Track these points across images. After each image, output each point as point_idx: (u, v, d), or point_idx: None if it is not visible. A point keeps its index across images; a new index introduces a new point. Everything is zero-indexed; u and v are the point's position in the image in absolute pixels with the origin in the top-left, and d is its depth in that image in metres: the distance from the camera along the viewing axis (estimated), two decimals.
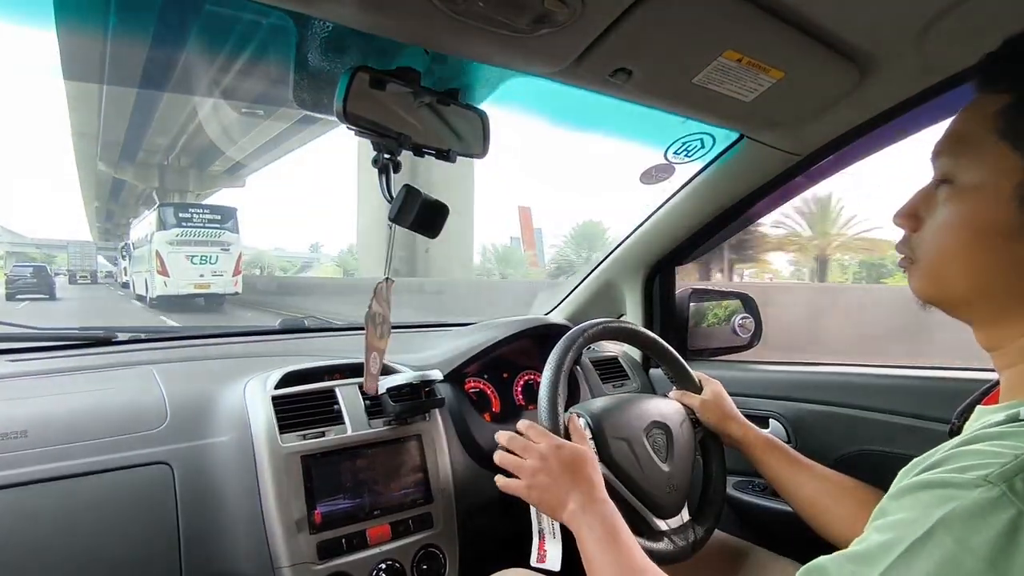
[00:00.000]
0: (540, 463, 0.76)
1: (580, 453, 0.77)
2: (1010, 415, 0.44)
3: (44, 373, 0.99)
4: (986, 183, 0.49)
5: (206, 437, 0.92)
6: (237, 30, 0.93)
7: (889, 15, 0.72)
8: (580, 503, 0.72)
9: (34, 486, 0.78)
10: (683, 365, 1.01)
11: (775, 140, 1.06)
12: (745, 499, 1.21)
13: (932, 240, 0.53)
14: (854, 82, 0.85)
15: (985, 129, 0.49)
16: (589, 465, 0.76)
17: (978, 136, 0.50)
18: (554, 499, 0.74)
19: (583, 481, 0.74)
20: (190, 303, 15.24)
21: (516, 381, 1.30)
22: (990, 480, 0.38)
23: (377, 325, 0.92)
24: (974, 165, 0.50)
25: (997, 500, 0.37)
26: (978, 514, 0.37)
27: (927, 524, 0.38)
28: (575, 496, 0.72)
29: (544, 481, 0.75)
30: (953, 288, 0.53)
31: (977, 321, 0.53)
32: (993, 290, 0.50)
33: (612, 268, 1.49)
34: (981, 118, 0.50)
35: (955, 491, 0.39)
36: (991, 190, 0.48)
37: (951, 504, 0.38)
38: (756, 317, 1.49)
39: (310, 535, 0.88)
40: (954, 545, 0.37)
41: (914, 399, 1.02)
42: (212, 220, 15.99)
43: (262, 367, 1.05)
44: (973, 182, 0.50)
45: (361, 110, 0.72)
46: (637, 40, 0.71)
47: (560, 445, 0.77)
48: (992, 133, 0.48)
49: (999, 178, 0.48)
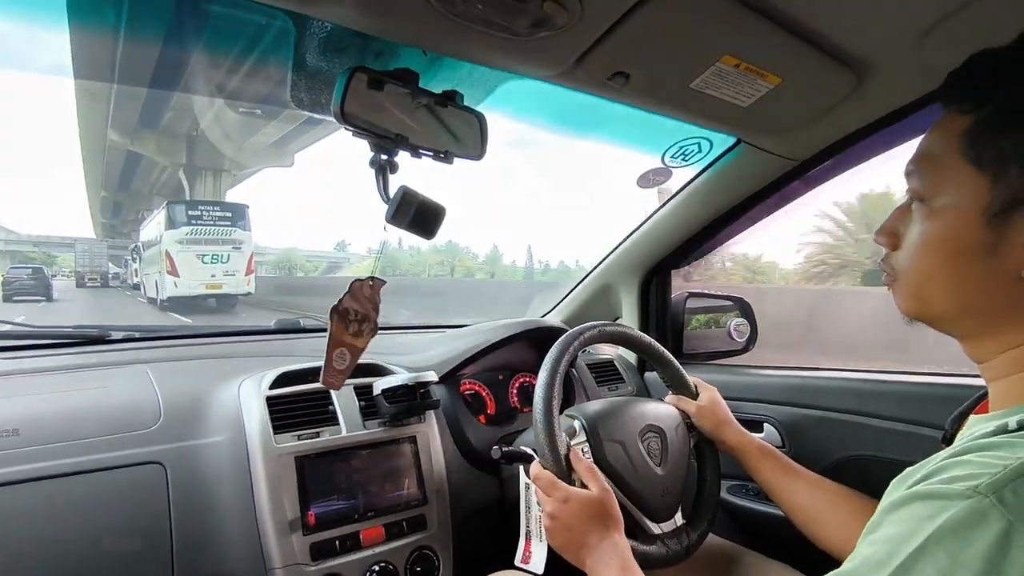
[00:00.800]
0: (553, 520, 0.77)
1: (587, 501, 0.77)
2: (999, 426, 0.44)
3: (37, 371, 0.98)
4: (954, 204, 0.49)
5: (200, 437, 0.91)
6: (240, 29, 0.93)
7: (886, 22, 0.72)
8: (597, 548, 0.73)
9: (26, 485, 0.77)
10: (680, 370, 1.02)
11: (772, 145, 1.06)
12: (739, 503, 1.21)
13: (909, 259, 0.54)
14: (851, 88, 0.85)
15: (951, 149, 0.49)
16: (602, 509, 0.77)
17: (944, 156, 0.50)
18: (572, 551, 0.76)
19: (599, 529, 0.75)
20: (201, 304, 14.90)
21: (511, 383, 1.30)
22: (980, 491, 0.38)
23: (351, 322, 0.92)
24: (942, 186, 0.50)
25: (987, 511, 0.37)
26: (968, 526, 0.37)
27: (920, 538, 0.38)
28: (592, 543, 0.74)
29: (560, 533, 0.77)
30: (935, 305, 0.53)
31: (963, 336, 0.54)
32: (974, 306, 0.50)
33: (609, 271, 1.50)
34: (947, 138, 0.50)
35: (945, 503, 0.39)
36: (960, 211, 0.49)
37: (942, 516, 0.38)
38: (751, 321, 1.49)
39: (303, 536, 0.88)
40: (946, 559, 0.37)
41: (908, 405, 1.02)
42: (223, 218, 15.51)
43: (257, 367, 1.05)
44: (943, 203, 0.50)
45: (359, 110, 0.72)
46: (635, 44, 0.72)
47: (567, 498, 0.77)
48: (957, 154, 0.49)
49: (966, 200, 0.48)
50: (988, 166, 0.47)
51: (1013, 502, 0.37)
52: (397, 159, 0.78)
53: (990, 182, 0.47)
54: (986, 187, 0.47)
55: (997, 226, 0.46)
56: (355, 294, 0.90)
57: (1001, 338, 0.50)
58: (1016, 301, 0.48)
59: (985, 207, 0.47)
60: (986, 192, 0.47)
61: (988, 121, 0.48)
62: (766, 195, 1.20)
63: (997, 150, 0.47)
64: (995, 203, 0.46)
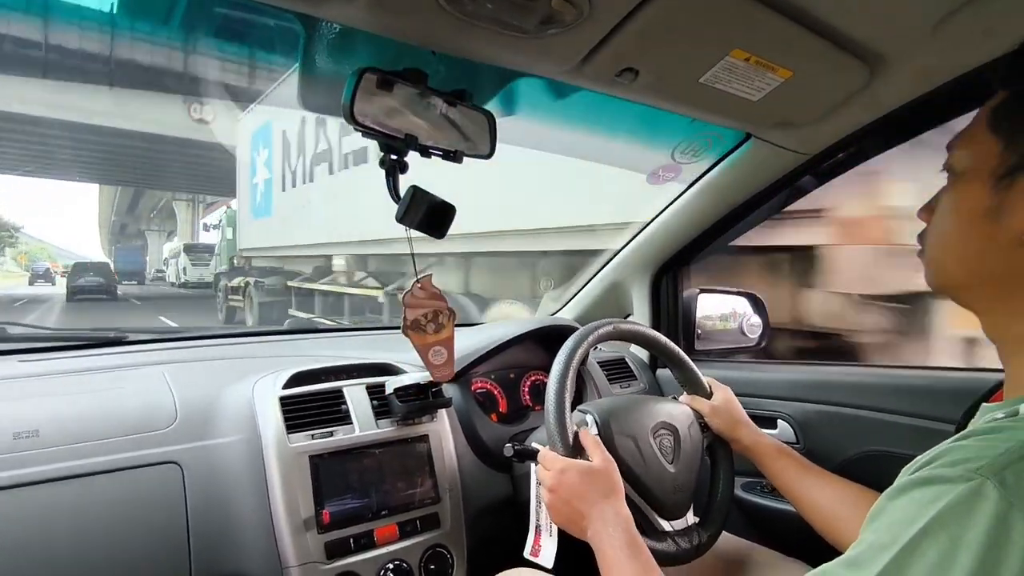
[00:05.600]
0: (551, 493, 0.77)
1: (586, 470, 0.77)
2: (1010, 411, 0.44)
3: (55, 373, 1.00)
4: (971, 169, 0.51)
5: (215, 437, 0.92)
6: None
7: (900, 13, 0.71)
8: (599, 519, 0.73)
9: (45, 485, 0.78)
10: (694, 369, 1.01)
11: (783, 139, 1.05)
12: (753, 500, 1.20)
13: (933, 228, 0.56)
14: (864, 81, 0.84)
15: (980, 121, 0.52)
16: (600, 478, 0.76)
17: (974, 128, 0.52)
18: (573, 523, 0.75)
19: (597, 499, 0.74)
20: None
21: (523, 381, 1.30)
22: (980, 473, 0.38)
23: (426, 324, 0.93)
24: (965, 154, 0.52)
25: (987, 493, 0.37)
26: (969, 508, 0.37)
27: (922, 522, 0.39)
28: (593, 514, 0.73)
29: (559, 508, 0.77)
30: (949, 273, 0.55)
31: (979, 308, 0.54)
32: (986, 273, 0.51)
33: (619, 268, 1.49)
34: (982, 112, 0.52)
35: (947, 486, 0.39)
36: (974, 175, 0.51)
37: (943, 500, 0.38)
38: (764, 317, 1.48)
39: (318, 535, 0.89)
40: (948, 540, 0.37)
41: (923, 399, 1.01)
42: None
43: (270, 367, 1.06)
44: (962, 168, 0.52)
45: (368, 111, 0.72)
46: (643, 40, 0.71)
47: (564, 469, 0.77)
48: (984, 124, 0.51)
49: (980, 163, 0.50)
50: (1003, 132, 0.49)
51: (1013, 483, 0.37)
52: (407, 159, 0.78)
53: (1002, 147, 0.48)
54: (997, 152, 0.49)
55: (1002, 189, 0.48)
56: (412, 303, 0.92)
57: (1008, 310, 0.51)
58: (1019, 268, 0.49)
59: (993, 171, 0.49)
60: (996, 156, 0.49)
61: (1017, 92, 0.50)
62: (777, 190, 1.19)
63: (1014, 116, 0.49)
64: (1003, 167, 0.48)
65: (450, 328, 0.96)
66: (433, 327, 0.94)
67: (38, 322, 7.54)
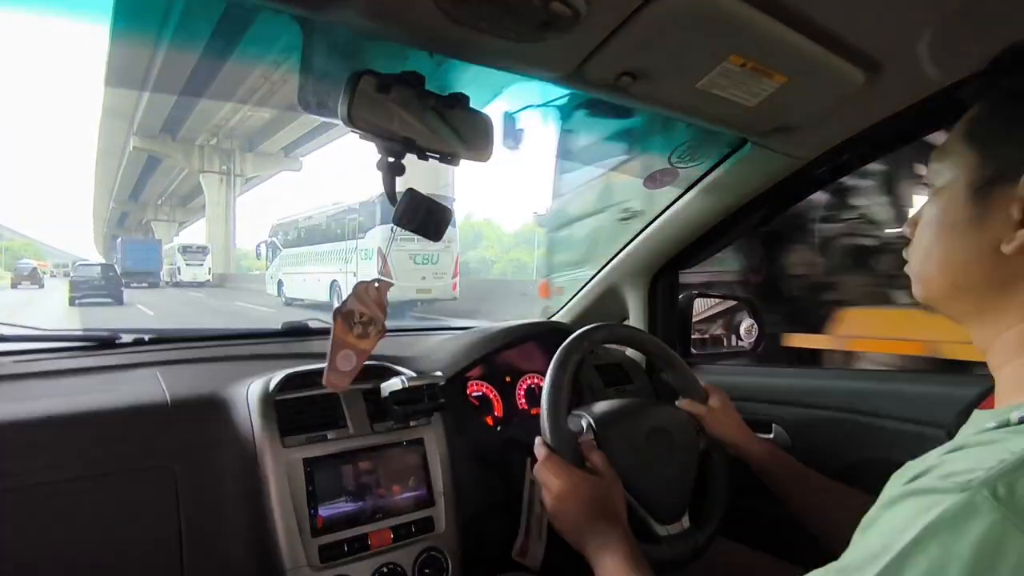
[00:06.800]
0: (559, 501, 0.77)
1: (597, 486, 0.77)
2: (1001, 421, 0.44)
3: (48, 374, 0.99)
4: (950, 181, 0.52)
5: (208, 440, 0.91)
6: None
7: (895, 19, 0.72)
8: (601, 535, 0.73)
9: (35, 489, 0.78)
10: (689, 374, 1.01)
11: (779, 144, 1.06)
12: (748, 505, 1.20)
13: (917, 242, 0.57)
14: (859, 86, 0.85)
15: (956, 135, 0.52)
16: (610, 497, 0.77)
17: (951, 142, 0.53)
18: (577, 534, 0.75)
19: (606, 517, 0.75)
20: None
21: (519, 385, 1.30)
22: (972, 485, 0.38)
23: (356, 324, 0.92)
24: (943, 167, 0.53)
25: (980, 505, 0.37)
26: (961, 519, 0.37)
27: (914, 531, 0.39)
28: (596, 532, 0.73)
29: (564, 518, 0.77)
30: (933, 285, 0.55)
31: (966, 319, 0.55)
32: (970, 283, 0.52)
33: (615, 272, 1.49)
34: (959, 125, 0.53)
35: (940, 497, 0.39)
36: (953, 187, 0.51)
37: (936, 511, 0.38)
38: (759, 321, 1.49)
39: (312, 539, 0.88)
40: (939, 550, 0.37)
41: (916, 404, 1.01)
42: None
43: (264, 369, 1.05)
44: (941, 183, 0.53)
45: (366, 114, 0.72)
46: (641, 45, 0.71)
47: (577, 482, 0.77)
48: (960, 137, 0.52)
49: (957, 177, 0.51)
50: (979, 143, 0.50)
51: (1006, 495, 0.37)
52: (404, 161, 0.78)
53: (978, 158, 0.49)
54: (974, 164, 0.49)
55: (980, 200, 0.49)
56: (360, 296, 0.91)
57: (993, 319, 0.51)
58: (1001, 277, 0.49)
59: (971, 182, 0.49)
60: (973, 168, 0.49)
61: (991, 104, 0.51)
62: (774, 195, 1.20)
63: (989, 127, 0.50)
64: (981, 178, 0.49)
65: (373, 343, 0.94)
66: (360, 330, 0.93)
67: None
